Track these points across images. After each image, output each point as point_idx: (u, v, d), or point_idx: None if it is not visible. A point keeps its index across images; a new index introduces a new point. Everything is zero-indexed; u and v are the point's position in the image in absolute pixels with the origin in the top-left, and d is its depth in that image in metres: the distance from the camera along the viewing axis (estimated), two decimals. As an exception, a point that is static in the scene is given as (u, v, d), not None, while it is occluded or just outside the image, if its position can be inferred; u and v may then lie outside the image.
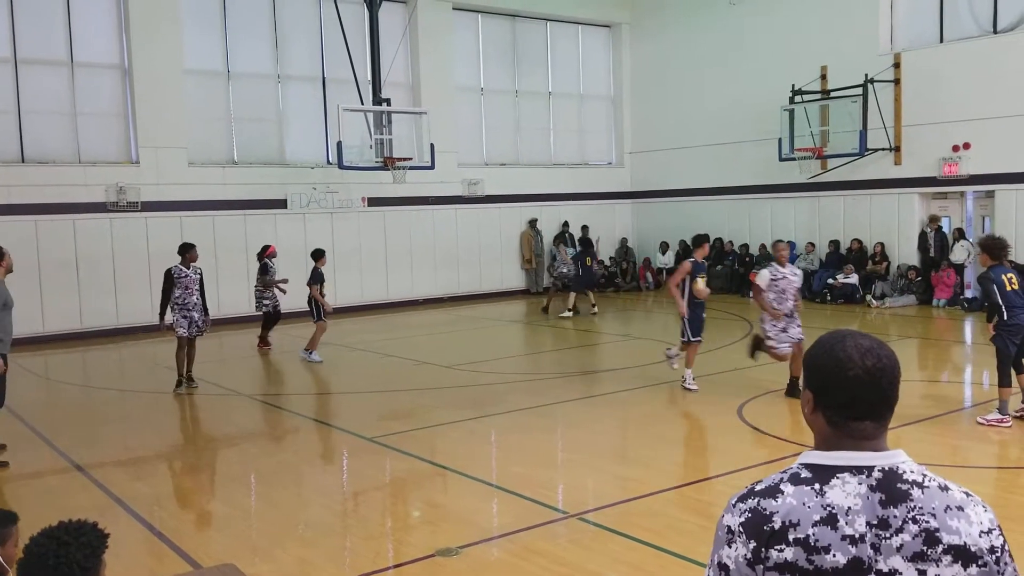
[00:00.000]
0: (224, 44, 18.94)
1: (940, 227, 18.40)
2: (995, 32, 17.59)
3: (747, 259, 21.48)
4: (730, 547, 1.80)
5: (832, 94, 19.53)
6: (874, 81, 18.68)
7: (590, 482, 7.49)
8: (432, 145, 18.89)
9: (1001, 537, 1.78)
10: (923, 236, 18.62)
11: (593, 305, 18.49)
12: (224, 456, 8.63)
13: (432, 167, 19.09)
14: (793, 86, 19.80)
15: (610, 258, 23.93)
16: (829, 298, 19.11)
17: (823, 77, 19.90)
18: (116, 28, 17.68)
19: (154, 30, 17.64)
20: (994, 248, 8.41)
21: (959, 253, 17.74)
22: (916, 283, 18.36)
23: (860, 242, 19.56)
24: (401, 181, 19.14)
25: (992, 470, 7.67)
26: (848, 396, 1.80)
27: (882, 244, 19.22)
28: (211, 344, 16.44)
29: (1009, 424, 8.35)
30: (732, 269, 21.56)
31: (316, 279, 13.66)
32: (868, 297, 18.52)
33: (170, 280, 11.35)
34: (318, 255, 13.91)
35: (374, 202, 20.22)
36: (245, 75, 19.25)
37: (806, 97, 19.83)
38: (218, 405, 10.92)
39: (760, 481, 1.86)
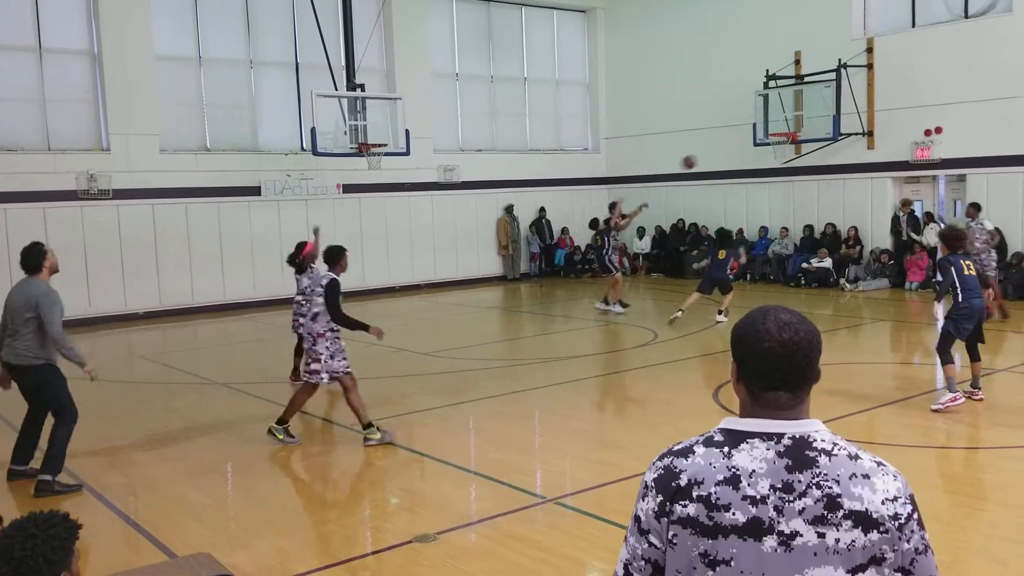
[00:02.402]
0: (195, 29, 18.71)
1: (912, 211, 18.58)
2: (966, 17, 17.74)
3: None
4: (643, 500, 1.92)
5: (806, 79, 19.62)
6: (847, 66, 18.79)
7: (567, 467, 7.52)
8: (407, 131, 18.79)
9: (909, 506, 1.82)
10: (896, 220, 18.80)
11: (720, 312, 14.51)
12: (200, 445, 8.57)
13: (407, 153, 19.00)
14: (767, 71, 19.87)
15: (587, 245, 23.97)
16: (803, 282, 19.26)
17: (797, 62, 19.98)
18: (85, 13, 17.40)
19: (124, 15, 17.38)
20: (951, 239, 8.76)
21: (929, 236, 17.93)
22: (889, 267, 18.54)
23: (834, 226, 19.71)
24: (376, 167, 19.04)
25: (963, 451, 7.77)
26: (763, 366, 1.88)
27: (855, 228, 19.39)
28: (186, 333, 16.35)
29: (961, 400, 8.44)
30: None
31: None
32: (842, 281, 18.69)
33: (335, 296, 8.04)
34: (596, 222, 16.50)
35: (349, 189, 20.11)
36: (217, 61, 19.04)
37: (780, 82, 19.91)
38: (194, 394, 10.85)
39: (680, 442, 1.96)
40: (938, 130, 17.84)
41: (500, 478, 7.01)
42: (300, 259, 10.53)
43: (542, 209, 23.28)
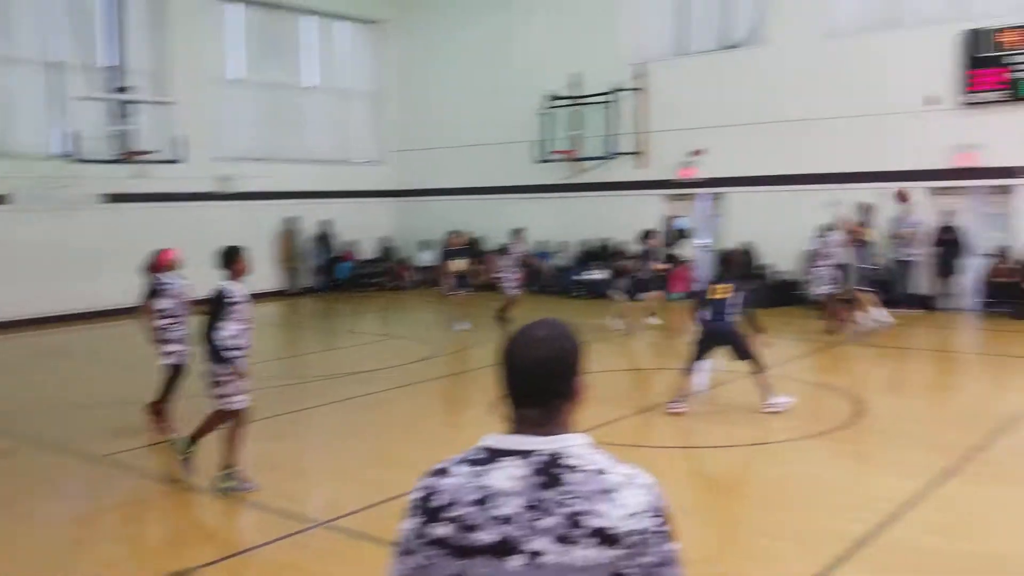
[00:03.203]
0: (-70, 18, 16.79)
1: (674, 227, 19.83)
2: (727, 47, 19.17)
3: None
4: (407, 521, 1.94)
5: (584, 100, 20.49)
6: (621, 89, 19.80)
7: (343, 487, 7.30)
8: (181, 138, 17.74)
9: (654, 519, 1.82)
10: (663, 235, 19.96)
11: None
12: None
13: (180, 161, 17.93)
14: (548, 91, 20.57)
15: (373, 258, 23.69)
16: (580, 293, 20.00)
17: (576, 84, 20.79)
18: None
19: None
20: (724, 263, 9.48)
21: (681, 251, 19.20)
22: (656, 278, 19.59)
23: (608, 240, 20.66)
24: (144, 176, 17.83)
25: (720, 449, 8.26)
26: (511, 383, 1.92)
27: (627, 242, 20.39)
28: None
29: (682, 410, 8.99)
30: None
31: None
32: (615, 292, 19.54)
33: (222, 309, 6.79)
34: None
35: (113, 199, 18.68)
36: (-43, 55, 17.16)
37: (560, 102, 20.69)
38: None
39: (443, 461, 1.96)
40: (702, 151, 19.12)
41: (270, 504, 6.68)
42: (157, 269, 8.90)
43: (326, 222, 22.75)
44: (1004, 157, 15.76)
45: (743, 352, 9.07)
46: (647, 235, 15.88)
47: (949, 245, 16.27)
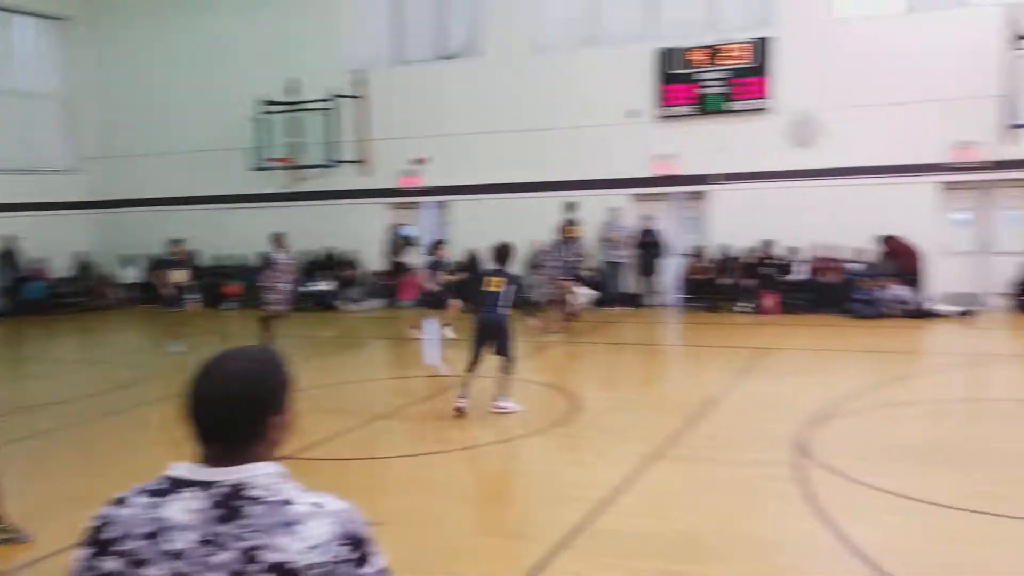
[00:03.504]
0: None
1: (399, 235, 19.88)
2: (443, 58, 19.47)
3: (222, 271, 20.94)
4: (79, 551, 1.80)
5: (302, 107, 19.95)
6: (341, 96, 19.49)
7: (31, 533, 6.42)
8: None
9: (343, 548, 1.72)
10: (389, 243, 19.92)
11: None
12: None
13: None
14: (263, 97, 19.83)
15: (70, 276, 21.52)
16: (306, 305, 19.40)
17: (293, 89, 20.20)
18: None
19: None
20: (495, 255, 9.44)
21: (410, 257, 19.33)
22: (384, 287, 19.53)
23: (334, 250, 20.26)
24: None
25: (452, 452, 8.24)
26: (195, 418, 1.81)
27: (354, 251, 20.14)
28: None
29: (460, 404, 9.03)
30: (208, 281, 20.78)
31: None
32: (341, 302, 19.22)
33: None
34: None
35: None
36: None
37: (278, 108, 20.02)
38: None
39: (129, 490, 1.85)
40: (425, 160, 19.27)
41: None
42: None
43: (9, 237, 20.31)
44: (697, 166, 17.31)
45: (504, 348, 9.13)
46: (436, 245, 15.47)
47: (650, 247, 17.61)
